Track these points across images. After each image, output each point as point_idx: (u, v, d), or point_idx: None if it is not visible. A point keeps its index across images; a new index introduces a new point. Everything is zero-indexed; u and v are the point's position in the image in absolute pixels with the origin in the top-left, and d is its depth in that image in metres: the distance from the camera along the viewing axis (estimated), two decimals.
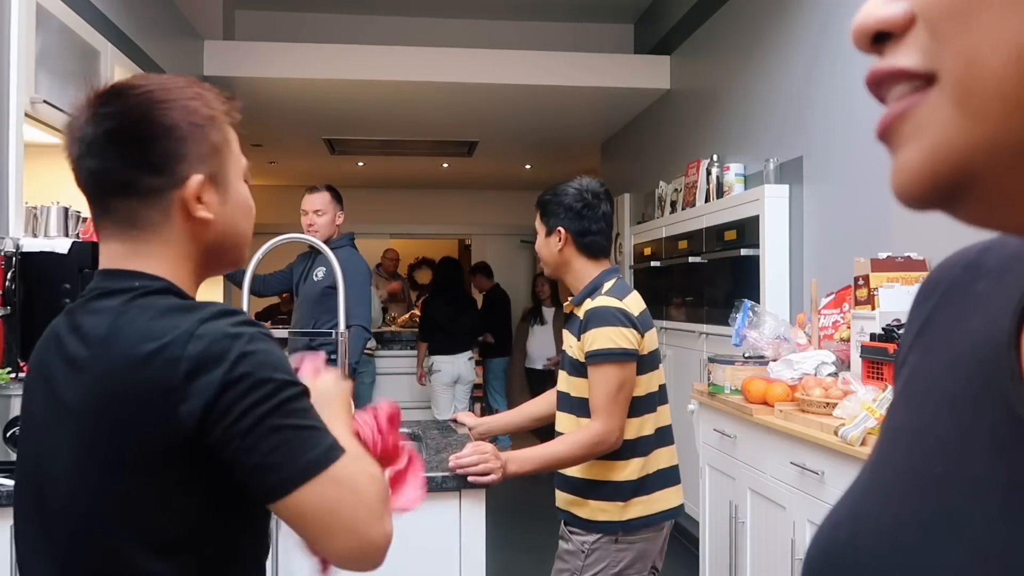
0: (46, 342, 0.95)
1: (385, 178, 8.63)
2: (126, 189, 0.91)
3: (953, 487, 0.39)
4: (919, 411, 0.44)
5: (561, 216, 1.99)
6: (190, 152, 0.91)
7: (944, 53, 0.32)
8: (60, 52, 2.63)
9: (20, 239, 2.31)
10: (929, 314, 0.48)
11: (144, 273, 0.92)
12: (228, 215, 0.97)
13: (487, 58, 4.87)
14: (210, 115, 0.94)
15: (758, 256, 3.32)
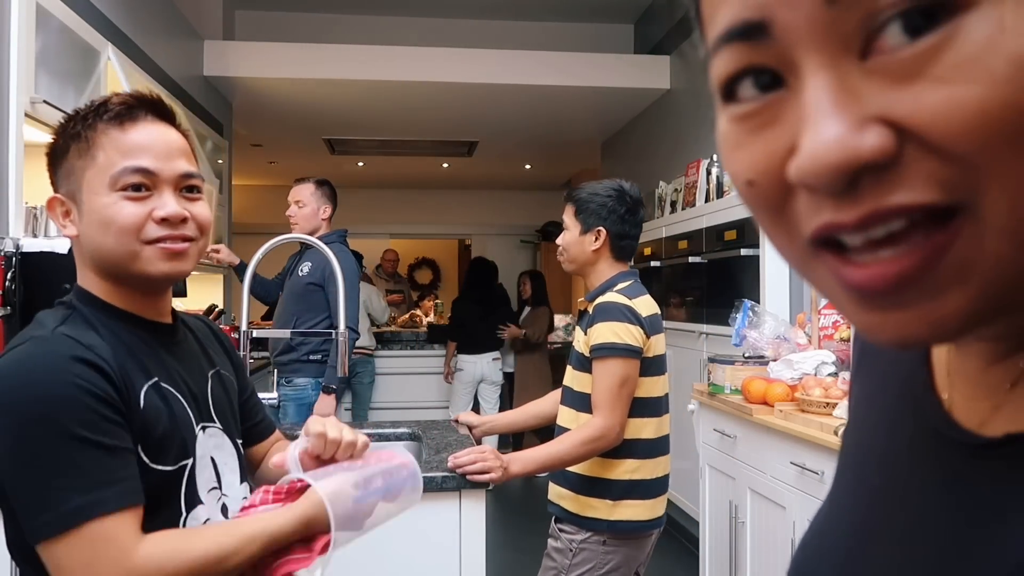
0: None
1: (385, 178, 8.64)
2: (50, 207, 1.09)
3: (887, 496, 0.41)
4: (862, 429, 0.47)
5: (604, 216, 2.01)
6: (55, 176, 1.05)
7: (986, 183, 0.28)
8: (60, 52, 2.63)
9: (20, 239, 2.31)
10: (864, 345, 0.50)
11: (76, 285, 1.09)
12: (87, 233, 1.03)
13: (487, 58, 4.87)
14: (60, 141, 1.02)
15: (758, 256, 3.32)
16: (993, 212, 0.28)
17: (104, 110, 0.99)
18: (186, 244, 1.00)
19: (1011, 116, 0.27)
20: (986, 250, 0.28)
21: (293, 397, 3.32)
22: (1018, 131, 0.27)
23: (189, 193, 1.01)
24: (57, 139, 1.02)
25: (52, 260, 2.30)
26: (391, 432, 2.37)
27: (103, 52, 2.99)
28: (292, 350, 3.34)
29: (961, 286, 0.29)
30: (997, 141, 0.27)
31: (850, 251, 0.30)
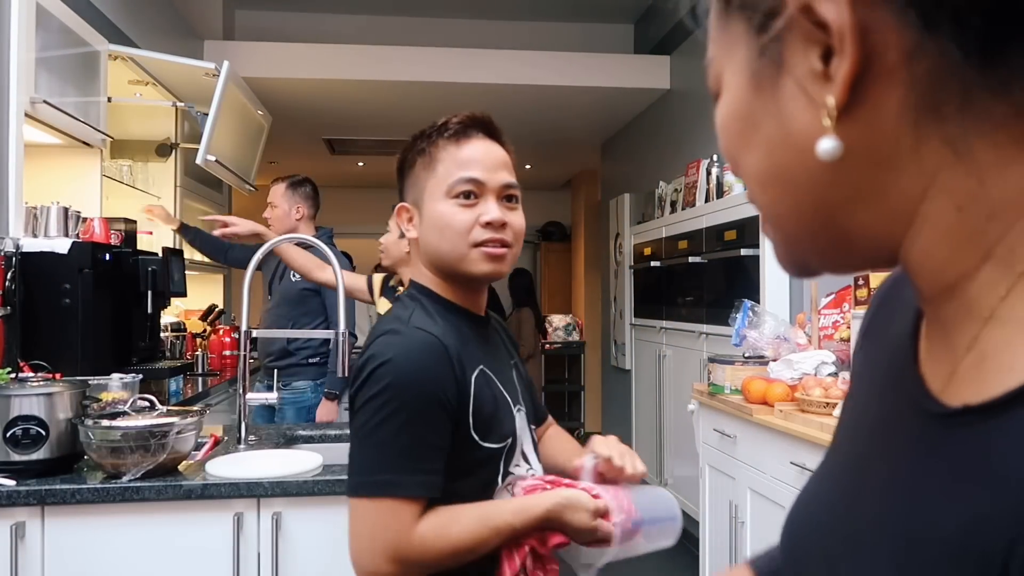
0: None
1: (385, 178, 8.60)
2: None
3: (871, 460, 0.46)
4: (856, 402, 0.53)
5: None
6: (403, 187, 1.24)
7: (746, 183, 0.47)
8: (60, 52, 2.63)
9: (20, 239, 2.31)
10: (870, 319, 0.57)
11: (415, 281, 1.22)
12: (424, 234, 1.18)
13: (487, 58, 4.87)
14: (407, 156, 1.23)
15: (758, 256, 3.32)
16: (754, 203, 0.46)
17: (444, 129, 1.18)
18: (504, 250, 1.15)
19: (729, 157, 0.46)
20: (766, 228, 0.46)
21: (291, 400, 3.31)
22: (734, 164, 0.46)
23: (508, 202, 1.16)
24: (405, 154, 1.21)
25: (52, 260, 2.30)
26: None
27: (103, 52, 2.99)
28: (290, 355, 3.33)
29: (772, 244, 0.47)
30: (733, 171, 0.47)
31: None
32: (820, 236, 0.43)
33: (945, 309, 0.42)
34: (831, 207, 0.42)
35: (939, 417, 0.41)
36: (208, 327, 4.28)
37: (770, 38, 0.41)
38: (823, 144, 0.39)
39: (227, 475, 1.75)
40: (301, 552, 1.75)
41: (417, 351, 1.06)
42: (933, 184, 0.39)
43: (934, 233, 0.40)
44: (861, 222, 0.41)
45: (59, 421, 1.72)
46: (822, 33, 0.38)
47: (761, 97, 0.42)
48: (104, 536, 1.69)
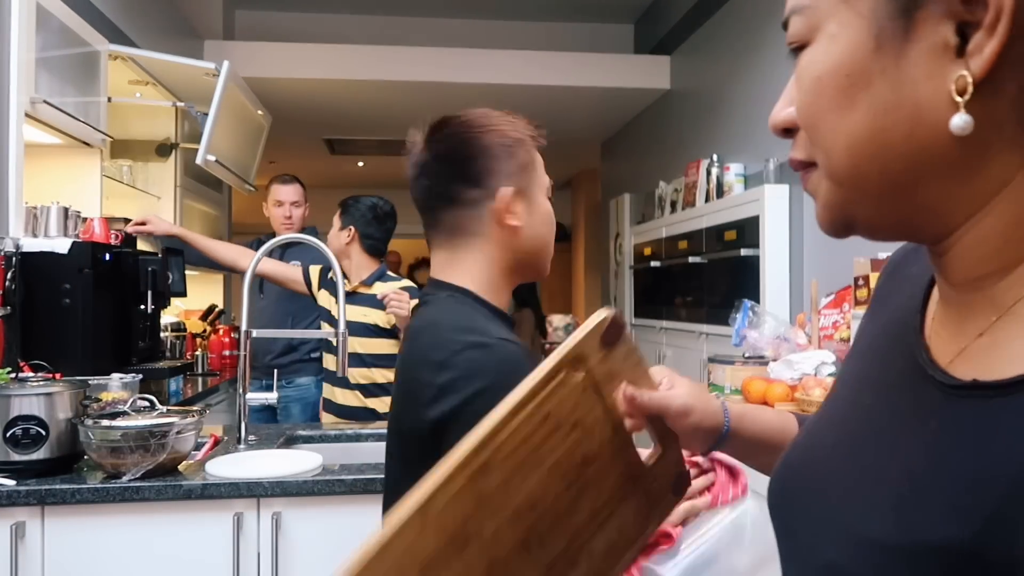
0: None
1: (385, 178, 8.62)
2: (452, 201, 1.09)
3: (875, 415, 0.51)
4: (861, 361, 0.58)
5: (357, 219, 2.74)
6: (501, 169, 1.08)
7: (814, 147, 0.47)
8: (60, 52, 2.63)
9: (20, 239, 2.31)
10: (881, 285, 0.62)
11: (449, 283, 1.09)
12: (534, 225, 1.10)
13: (487, 58, 4.87)
14: (519, 138, 1.10)
15: (758, 256, 3.32)
16: (821, 166, 0.47)
17: (536, 130, 1.14)
18: None
19: (812, 111, 0.46)
20: (821, 184, 0.48)
21: (297, 398, 3.31)
22: (816, 119, 0.46)
23: None
24: (510, 136, 1.10)
25: (52, 260, 2.30)
26: None
27: (103, 52, 2.99)
28: (293, 350, 3.33)
29: (816, 199, 0.49)
30: (808, 126, 0.47)
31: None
32: (890, 201, 0.45)
33: (969, 294, 0.46)
34: (920, 177, 0.43)
35: (947, 386, 0.45)
36: (208, 327, 4.28)
37: (907, 2, 0.41)
38: (956, 119, 0.40)
39: (227, 475, 1.75)
40: (301, 552, 1.75)
41: (514, 370, 0.90)
42: (1013, 179, 0.41)
43: (996, 224, 0.43)
44: (939, 197, 0.43)
45: (59, 421, 1.72)
46: (965, 8, 0.39)
47: (881, 58, 0.42)
48: (104, 536, 1.69)
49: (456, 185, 1.09)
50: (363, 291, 2.70)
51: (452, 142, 1.11)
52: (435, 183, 1.11)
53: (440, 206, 1.11)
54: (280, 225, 3.36)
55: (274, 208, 3.38)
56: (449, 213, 1.11)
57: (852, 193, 0.46)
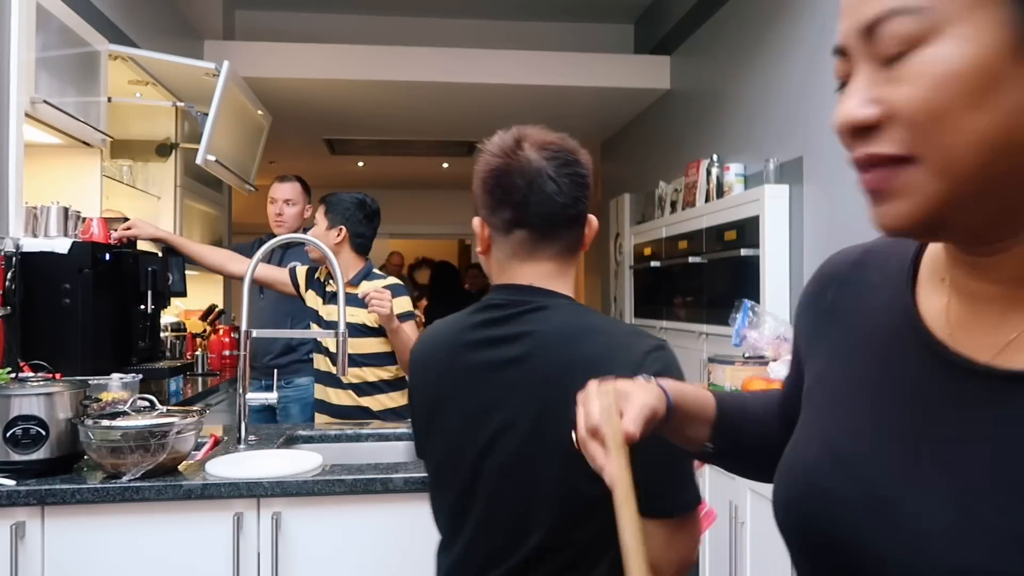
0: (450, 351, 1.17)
1: (385, 178, 8.63)
2: (577, 221, 1.16)
3: (908, 422, 0.54)
4: (849, 368, 0.60)
5: (347, 217, 2.73)
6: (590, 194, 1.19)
7: (925, 143, 0.48)
8: (60, 52, 2.63)
9: (20, 239, 2.31)
10: (832, 303, 0.65)
11: (558, 292, 1.15)
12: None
13: (487, 58, 4.87)
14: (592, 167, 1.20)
15: (758, 256, 3.32)
16: (929, 161, 0.47)
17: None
18: None
19: (935, 108, 0.47)
20: (922, 181, 0.48)
21: (296, 398, 3.31)
22: (939, 116, 0.47)
23: None
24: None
25: (52, 260, 2.30)
26: (391, 432, 2.37)
27: (103, 52, 2.99)
28: (292, 350, 3.33)
29: (904, 198, 0.49)
30: (928, 122, 0.47)
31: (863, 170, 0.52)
32: (993, 200, 0.48)
33: (1017, 290, 0.51)
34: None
35: (1005, 378, 0.48)
36: (208, 327, 4.28)
37: None
38: None
39: (227, 475, 1.75)
40: (301, 552, 1.75)
41: (679, 368, 1.09)
42: None
43: None
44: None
45: (59, 421, 1.72)
46: None
47: (1017, 66, 0.45)
48: (104, 536, 1.69)
49: (583, 208, 1.16)
50: (349, 291, 2.62)
51: (583, 167, 1.17)
52: (569, 203, 1.14)
53: (566, 224, 1.15)
54: (272, 223, 3.36)
55: (269, 205, 3.39)
56: (571, 232, 1.16)
57: (962, 189, 0.47)
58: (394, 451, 2.32)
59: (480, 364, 1.12)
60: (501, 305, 1.14)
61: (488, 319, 1.14)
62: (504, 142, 1.16)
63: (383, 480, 1.77)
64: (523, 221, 1.13)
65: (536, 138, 1.16)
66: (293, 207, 3.36)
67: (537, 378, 1.08)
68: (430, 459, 1.21)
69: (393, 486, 1.77)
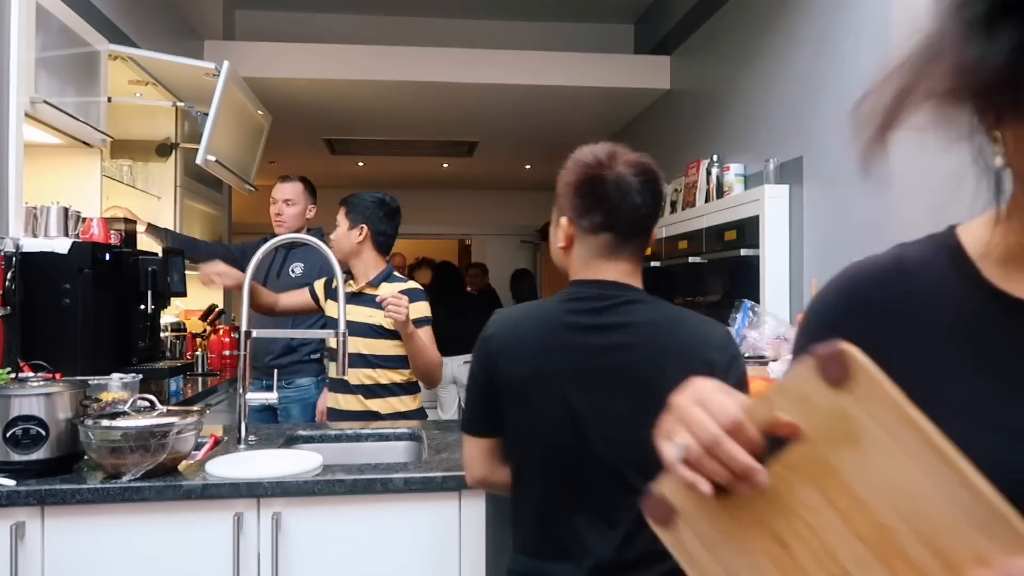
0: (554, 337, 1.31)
1: (385, 178, 8.63)
2: (651, 228, 1.37)
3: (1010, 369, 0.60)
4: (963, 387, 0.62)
5: (367, 216, 2.70)
6: None
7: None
8: (60, 52, 2.63)
9: (20, 239, 2.31)
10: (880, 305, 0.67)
11: (638, 288, 1.35)
12: None
13: (487, 58, 4.87)
14: None
15: (758, 256, 3.32)
16: None
17: None
18: None
19: None
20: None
21: (297, 398, 3.31)
22: None
23: None
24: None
25: (52, 260, 2.30)
26: (391, 432, 2.37)
27: (103, 52, 2.99)
28: (293, 351, 3.33)
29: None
30: None
31: None
32: None
33: None
34: None
35: None
36: (208, 327, 4.28)
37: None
38: None
39: (227, 475, 1.75)
40: (301, 552, 1.75)
41: None
42: None
43: None
44: None
45: (59, 421, 1.72)
46: None
47: None
48: (104, 536, 1.69)
49: (657, 218, 1.38)
50: (369, 292, 2.64)
51: (660, 184, 1.39)
52: (650, 214, 1.35)
53: (644, 231, 1.36)
54: (272, 223, 3.36)
55: (271, 206, 3.39)
56: (646, 238, 1.37)
57: None
58: (394, 451, 2.32)
59: (585, 347, 1.28)
60: (595, 297, 1.32)
61: (584, 308, 1.31)
62: (598, 155, 1.35)
63: (383, 480, 1.77)
64: (611, 226, 1.32)
65: (626, 155, 1.35)
66: (293, 207, 3.35)
67: (643, 362, 1.26)
68: (523, 434, 1.33)
69: (393, 486, 1.77)
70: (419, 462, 1.97)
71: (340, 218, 2.70)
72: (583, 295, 1.33)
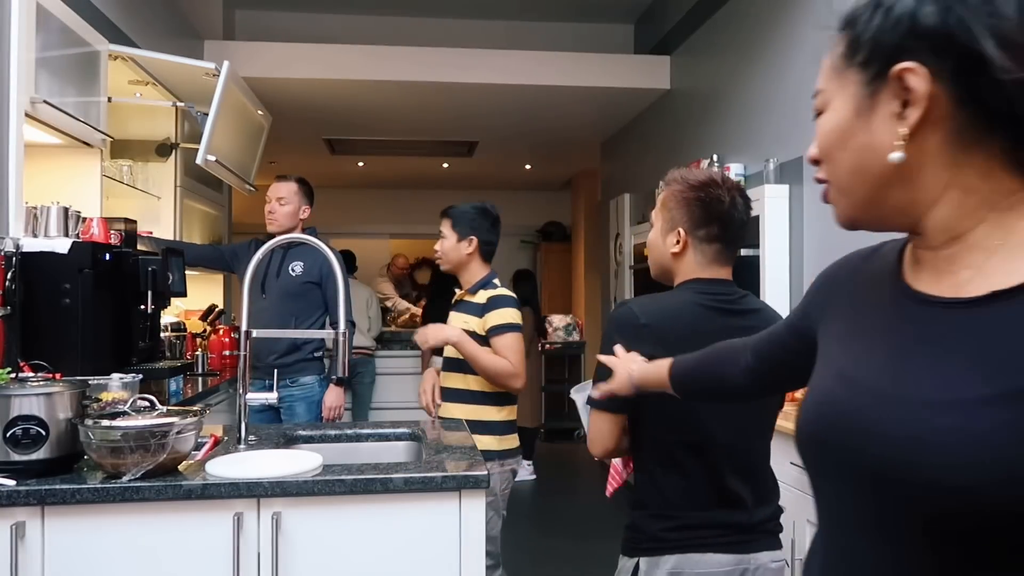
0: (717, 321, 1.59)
1: (385, 178, 8.64)
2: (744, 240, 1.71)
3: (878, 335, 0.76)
4: (854, 323, 0.81)
5: (474, 227, 2.73)
6: None
7: (829, 172, 0.76)
8: (60, 52, 2.63)
9: (20, 239, 2.31)
10: (845, 282, 0.87)
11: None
12: None
13: (487, 58, 4.87)
14: None
15: (758, 256, 3.32)
16: (834, 182, 0.76)
17: None
18: None
19: (823, 148, 0.76)
20: (836, 196, 0.76)
21: (301, 397, 3.31)
22: (828, 155, 0.76)
23: None
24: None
25: (52, 260, 2.30)
26: (391, 432, 2.37)
27: (103, 52, 2.99)
28: (297, 349, 3.33)
29: (835, 206, 0.77)
30: (825, 158, 0.76)
31: None
32: (872, 205, 0.73)
33: (949, 249, 0.70)
34: (884, 188, 0.71)
35: (963, 304, 0.67)
36: (208, 327, 4.28)
37: (874, 88, 0.69)
38: (893, 155, 0.68)
39: (227, 475, 1.75)
40: (301, 552, 1.75)
41: None
42: (946, 189, 0.69)
43: (948, 208, 0.69)
44: (898, 199, 0.71)
45: (59, 421, 1.72)
46: (905, 92, 0.67)
47: (859, 120, 0.71)
48: (104, 536, 1.69)
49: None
50: (467, 299, 2.71)
51: (749, 201, 1.67)
52: (746, 227, 1.65)
53: (742, 240, 1.67)
54: (265, 220, 3.38)
55: (265, 204, 3.40)
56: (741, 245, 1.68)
57: (850, 200, 0.75)
58: (394, 451, 2.32)
59: (735, 327, 1.49)
60: (724, 292, 1.62)
61: (721, 299, 1.61)
62: (709, 177, 1.62)
63: (383, 480, 1.77)
64: (722, 237, 1.61)
65: (727, 178, 1.65)
66: (285, 206, 3.35)
67: None
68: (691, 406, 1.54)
69: (393, 486, 1.77)
70: (419, 462, 1.97)
71: (446, 230, 2.74)
72: (713, 290, 1.62)
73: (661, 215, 1.67)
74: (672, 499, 1.56)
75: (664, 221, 1.67)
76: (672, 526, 1.55)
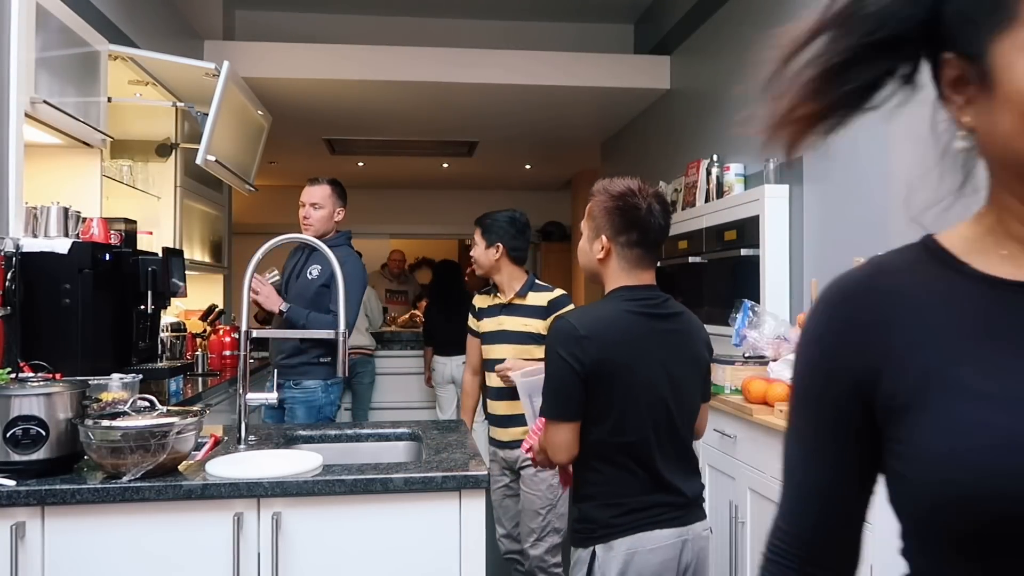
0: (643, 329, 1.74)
1: (385, 178, 8.63)
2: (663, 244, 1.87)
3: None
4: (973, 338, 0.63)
5: (502, 234, 2.95)
6: None
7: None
8: (60, 52, 2.63)
9: (20, 239, 2.31)
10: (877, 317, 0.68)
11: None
12: None
13: (487, 58, 4.87)
14: None
15: (758, 256, 3.32)
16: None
17: None
18: None
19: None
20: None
21: (302, 400, 3.30)
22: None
23: None
24: None
25: (52, 260, 2.30)
26: (391, 432, 2.37)
27: (103, 52, 2.99)
28: (302, 352, 3.32)
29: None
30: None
31: None
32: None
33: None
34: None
35: None
36: (208, 327, 4.28)
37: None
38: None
39: (227, 475, 1.75)
40: (301, 552, 1.75)
41: None
42: None
43: None
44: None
45: (59, 421, 1.72)
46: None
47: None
48: (104, 536, 1.69)
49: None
50: (519, 302, 2.91)
51: (669, 207, 1.82)
52: (665, 233, 1.80)
53: (661, 246, 1.84)
54: (301, 226, 3.36)
55: (300, 209, 3.37)
56: (661, 251, 1.83)
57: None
58: (394, 451, 2.32)
59: (666, 331, 1.74)
60: (648, 297, 1.75)
61: (647, 304, 1.74)
62: (628, 187, 1.74)
63: (383, 480, 1.77)
64: (642, 242, 1.74)
65: (645, 187, 1.76)
66: (320, 210, 3.32)
67: (692, 341, 1.80)
68: (620, 403, 1.67)
69: (393, 486, 1.77)
70: (419, 462, 1.97)
71: (477, 238, 2.99)
72: (639, 296, 1.74)
73: (588, 224, 1.81)
74: (618, 488, 1.69)
75: (590, 229, 1.81)
76: (621, 512, 1.68)
